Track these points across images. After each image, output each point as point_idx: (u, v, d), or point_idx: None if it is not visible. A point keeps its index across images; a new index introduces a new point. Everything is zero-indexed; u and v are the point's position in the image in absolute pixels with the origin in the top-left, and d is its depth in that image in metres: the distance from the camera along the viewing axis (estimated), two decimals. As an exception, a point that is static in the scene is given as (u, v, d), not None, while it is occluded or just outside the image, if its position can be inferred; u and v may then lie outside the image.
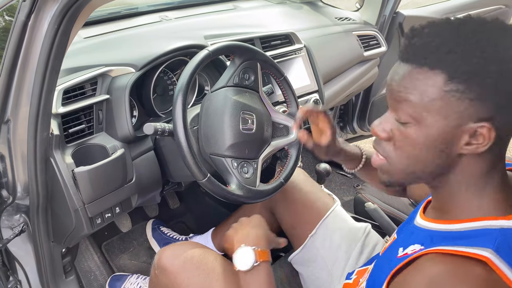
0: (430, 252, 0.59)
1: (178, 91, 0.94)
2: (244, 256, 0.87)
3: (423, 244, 0.63)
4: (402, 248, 0.67)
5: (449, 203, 0.65)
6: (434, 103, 0.57)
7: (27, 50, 0.84)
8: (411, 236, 0.69)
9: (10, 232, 1.11)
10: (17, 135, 0.92)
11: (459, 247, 0.57)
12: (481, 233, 0.59)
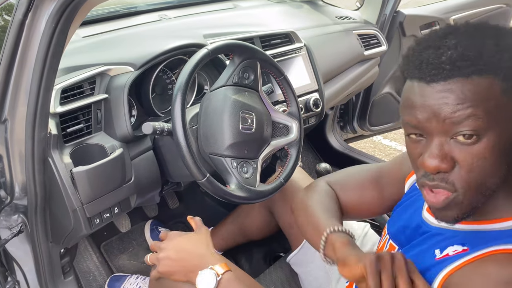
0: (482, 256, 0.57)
1: (177, 90, 0.94)
2: (205, 279, 0.83)
3: (465, 245, 0.61)
4: (439, 250, 0.64)
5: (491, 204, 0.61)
6: (498, 106, 0.54)
7: (24, 48, 0.83)
8: (441, 239, 0.66)
9: (8, 232, 1.11)
10: (15, 134, 0.91)
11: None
12: None
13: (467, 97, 0.54)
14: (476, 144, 0.55)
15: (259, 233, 1.35)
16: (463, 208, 0.59)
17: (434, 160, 0.57)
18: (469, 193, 0.58)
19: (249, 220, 1.35)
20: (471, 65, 0.53)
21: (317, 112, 1.52)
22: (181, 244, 0.88)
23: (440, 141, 0.57)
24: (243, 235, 1.38)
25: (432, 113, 0.55)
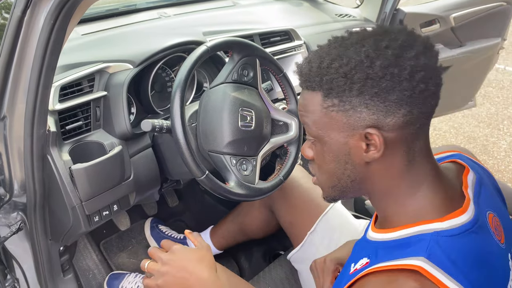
0: (371, 272, 0.59)
1: (176, 87, 0.93)
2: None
3: (370, 257, 0.63)
4: (354, 263, 0.67)
5: (387, 209, 0.66)
6: (321, 120, 0.62)
7: (23, 46, 0.83)
8: (361, 249, 0.69)
9: (7, 230, 1.10)
10: (14, 132, 0.91)
11: (394, 261, 0.57)
12: (414, 240, 0.59)
13: (304, 106, 0.64)
14: (317, 145, 0.66)
15: (259, 231, 1.35)
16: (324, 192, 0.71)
17: (303, 150, 0.71)
18: (321, 183, 0.70)
19: (249, 219, 1.35)
20: (306, 81, 0.62)
21: (317, 110, 1.51)
22: (183, 263, 0.84)
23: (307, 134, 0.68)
24: (243, 234, 1.38)
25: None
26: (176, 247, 0.87)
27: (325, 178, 0.68)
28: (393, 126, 0.58)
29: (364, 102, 0.58)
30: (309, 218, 1.13)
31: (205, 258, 0.86)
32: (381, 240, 0.65)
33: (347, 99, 0.59)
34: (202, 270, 0.83)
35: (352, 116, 0.59)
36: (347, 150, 0.62)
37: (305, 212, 1.15)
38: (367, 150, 0.60)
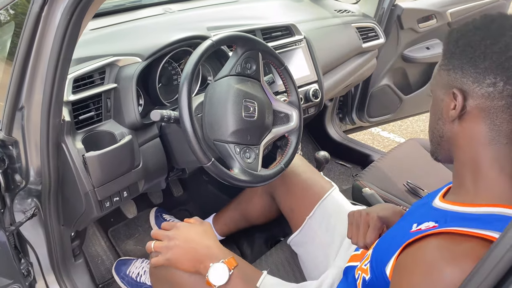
0: (441, 232, 0.62)
1: (184, 79, 0.99)
2: (218, 272, 0.87)
3: (437, 222, 0.66)
4: (417, 224, 0.70)
5: (468, 182, 0.69)
6: (435, 77, 0.73)
7: (40, 40, 0.88)
8: (426, 213, 0.73)
9: (22, 215, 1.16)
10: (31, 121, 0.97)
11: (470, 229, 0.60)
12: (495, 218, 0.62)
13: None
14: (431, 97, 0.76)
15: (261, 217, 1.41)
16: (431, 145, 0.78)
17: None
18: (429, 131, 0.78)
19: (251, 206, 1.41)
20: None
21: (316, 103, 1.57)
22: (189, 234, 0.92)
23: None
24: (245, 220, 1.44)
25: None
26: (180, 223, 0.95)
27: (429, 129, 0.77)
28: (478, 95, 0.65)
29: (460, 65, 0.67)
30: (308, 204, 1.19)
31: (208, 231, 0.94)
32: (454, 210, 0.68)
33: (451, 61, 0.68)
34: (208, 239, 0.91)
35: (450, 75, 0.68)
36: (441, 106, 0.71)
37: (304, 199, 1.21)
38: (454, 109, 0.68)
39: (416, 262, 0.62)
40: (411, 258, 0.64)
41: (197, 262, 0.90)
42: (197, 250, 0.90)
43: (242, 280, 0.88)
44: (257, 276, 0.95)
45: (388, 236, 0.79)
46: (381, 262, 0.73)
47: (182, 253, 0.90)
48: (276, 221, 1.43)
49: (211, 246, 0.90)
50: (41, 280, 1.27)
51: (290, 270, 1.21)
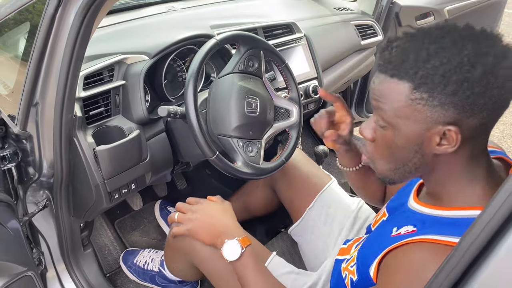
0: (421, 241, 0.66)
1: (190, 76, 1.04)
2: (231, 249, 0.94)
3: (416, 226, 0.70)
4: (396, 228, 0.74)
5: (442, 191, 0.71)
6: (403, 109, 0.64)
7: (54, 39, 0.93)
8: (405, 217, 0.76)
9: (34, 207, 1.22)
10: (45, 117, 1.02)
11: (448, 237, 0.63)
12: (468, 222, 0.63)
13: (383, 93, 0.66)
14: (385, 131, 0.69)
15: (262, 209, 1.47)
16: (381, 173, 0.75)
17: (363, 130, 0.74)
18: (380, 163, 0.73)
19: (253, 198, 1.47)
20: (393, 69, 0.64)
21: (316, 98, 1.62)
22: (211, 211, 1.01)
23: (373, 116, 0.72)
24: (247, 212, 1.49)
25: (371, 89, 0.70)
26: (203, 200, 1.04)
27: (388, 161, 0.71)
28: (471, 127, 0.62)
29: (453, 102, 0.60)
30: (308, 196, 1.25)
31: (228, 210, 1.03)
32: (431, 214, 0.71)
33: (437, 96, 0.61)
34: (227, 218, 1.00)
35: (437, 112, 0.62)
36: (420, 140, 0.65)
37: (304, 191, 1.26)
38: (440, 144, 0.64)
39: (400, 266, 0.67)
40: (396, 263, 0.69)
41: (215, 237, 0.98)
42: (216, 226, 0.98)
43: (252, 259, 0.94)
44: (267, 256, 1.04)
45: (371, 239, 0.84)
46: (365, 265, 0.78)
47: (202, 226, 0.99)
48: (277, 212, 1.48)
49: (229, 224, 0.99)
50: (52, 268, 1.33)
51: (290, 258, 1.26)
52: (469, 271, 0.48)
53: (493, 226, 0.46)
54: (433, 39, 0.63)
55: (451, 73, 0.60)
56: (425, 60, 0.61)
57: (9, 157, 1.13)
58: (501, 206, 0.45)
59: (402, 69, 0.63)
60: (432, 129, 0.64)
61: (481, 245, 0.46)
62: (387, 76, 0.65)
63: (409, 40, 0.64)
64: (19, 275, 1.11)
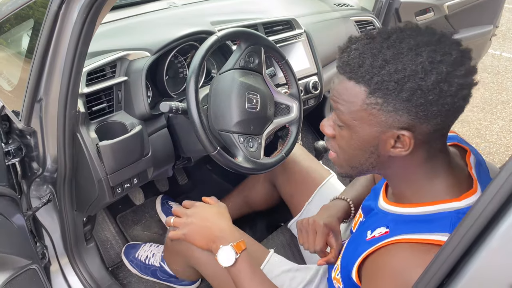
0: (397, 242, 0.68)
1: (191, 73, 1.05)
2: (226, 255, 0.94)
3: (388, 227, 0.72)
4: (370, 231, 0.76)
5: (404, 190, 0.74)
6: (359, 113, 0.66)
7: (58, 36, 0.94)
8: (377, 218, 0.78)
9: (38, 201, 1.24)
10: (49, 112, 1.03)
11: (421, 235, 0.66)
12: (438, 217, 0.68)
13: (341, 94, 0.68)
14: (343, 130, 0.71)
15: (262, 204, 1.49)
16: (341, 168, 0.77)
17: (323, 125, 0.76)
18: (341, 160, 0.75)
19: (253, 193, 1.48)
20: (350, 72, 0.65)
21: (316, 94, 1.63)
22: (206, 214, 1.00)
23: (333, 115, 0.73)
24: (247, 206, 1.51)
25: (331, 89, 0.72)
26: (198, 203, 1.03)
27: (347, 158, 0.74)
28: (424, 132, 0.64)
29: (407, 108, 0.62)
30: (307, 190, 1.27)
31: (224, 213, 1.02)
32: (400, 213, 0.73)
33: (392, 102, 0.62)
34: (222, 221, 1.00)
35: (391, 117, 0.63)
36: (375, 142, 0.68)
37: (303, 185, 1.28)
38: (395, 147, 0.66)
39: (381, 270, 0.68)
40: (376, 267, 0.70)
41: (210, 241, 0.98)
42: (211, 230, 0.98)
43: (247, 264, 0.95)
44: (264, 255, 1.05)
45: (349, 245, 0.85)
46: (347, 271, 0.79)
47: (197, 231, 0.99)
48: (277, 207, 1.50)
49: (224, 229, 0.98)
50: (55, 262, 1.35)
51: (290, 252, 1.28)
52: (457, 267, 0.50)
53: (481, 223, 0.48)
54: (391, 43, 0.63)
55: (405, 81, 0.61)
56: (380, 66, 0.62)
57: (13, 152, 1.14)
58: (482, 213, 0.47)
59: (358, 73, 0.64)
60: (387, 133, 0.66)
61: (470, 241, 0.48)
62: (345, 78, 0.67)
63: (367, 43, 0.65)
64: (23, 268, 1.13)
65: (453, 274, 0.50)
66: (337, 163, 0.77)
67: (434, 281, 0.51)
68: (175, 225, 1.02)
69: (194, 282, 1.48)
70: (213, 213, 1.02)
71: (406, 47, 0.62)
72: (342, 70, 0.67)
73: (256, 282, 0.93)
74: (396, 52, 0.62)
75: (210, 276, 1.09)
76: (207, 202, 1.07)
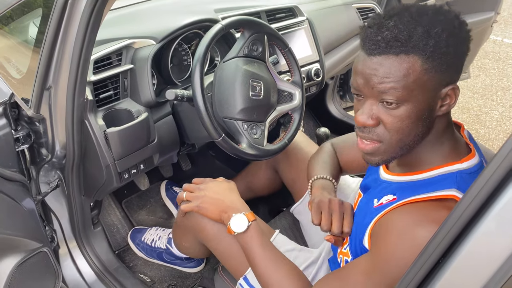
0: (405, 203, 0.72)
1: (196, 61, 1.07)
2: (239, 221, 1.00)
3: (395, 194, 0.76)
4: (377, 199, 0.80)
5: (415, 158, 0.77)
6: (417, 82, 0.67)
7: (66, 26, 0.96)
8: (382, 188, 0.82)
9: (47, 186, 1.27)
10: (58, 100, 1.06)
11: (428, 194, 0.70)
12: (442, 178, 0.73)
13: (392, 72, 0.67)
14: (396, 109, 0.70)
15: (265, 189, 1.52)
16: (384, 156, 0.76)
17: (362, 118, 0.73)
18: (390, 145, 0.73)
19: (256, 178, 1.52)
20: (401, 46, 0.66)
21: (318, 81, 1.65)
22: (217, 188, 1.08)
23: (370, 103, 0.72)
24: (250, 192, 1.55)
25: (366, 79, 0.70)
26: (210, 179, 1.11)
27: (399, 139, 0.72)
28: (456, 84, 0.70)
29: (454, 62, 0.68)
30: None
31: (234, 188, 1.10)
32: (405, 181, 0.77)
33: (445, 60, 0.66)
34: (233, 195, 1.07)
35: (443, 74, 0.67)
36: (430, 106, 0.70)
37: (305, 171, 1.31)
38: (442, 105, 0.70)
39: (389, 229, 0.72)
40: (384, 228, 0.74)
41: (222, 212, 1.03)
42: (223, 202, 1.04)
43: (258, 232, 1.00)
44: (271, 234, 1.10)
45: (357, 217, 0.89)
46: (358, 240, 0.83)
47: (210, 203, 1.05)
48: (279, 192, 1.54)
49: (235, 200, 1.05)
50: (64, 245, 1.39)
51: (292, 235, 1.32)
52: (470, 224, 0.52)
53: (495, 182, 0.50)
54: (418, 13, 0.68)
55: (449, 37, 0.66)
56: (428, 31, 0.66)
57: (22, 139, 1.17)
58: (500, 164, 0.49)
59: (410, 44, 0.66)
60: (440, 92, 0.69)
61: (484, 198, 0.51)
62: (389, 55, 0.67)
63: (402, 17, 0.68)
64: (35, 251, 1.17)
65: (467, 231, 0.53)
66: (380, 151, 0.75)
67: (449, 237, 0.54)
68: (188, 199, 1.08)
69: (199, 264, 1.52)
70: (224, 187, 1.09)
71: (432, 13, 0.68)
72: (385, 50, 0.67)
73: (266, 249, 0.98)
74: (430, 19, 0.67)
75: (220, 251, 1.13)
76: (216, 181, 1.12)
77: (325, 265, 1.09)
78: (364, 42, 0.70)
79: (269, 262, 0.96)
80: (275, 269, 0.95)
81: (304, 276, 0.97)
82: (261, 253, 0.97)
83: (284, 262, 0.97)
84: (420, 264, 0.58)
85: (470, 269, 0.54)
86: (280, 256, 0.98)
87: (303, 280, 0.94)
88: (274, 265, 0.95)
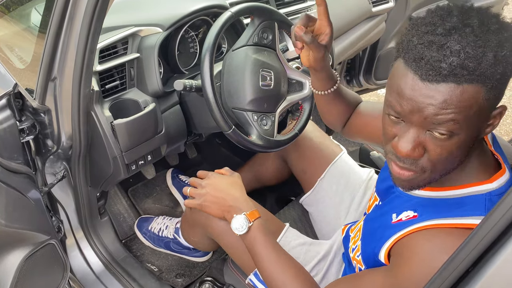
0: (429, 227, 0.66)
1: (206, 50, 1.04)
2: (239, 223, 0.96)
3: (416, 211, 0.71)
4: (395, 214, 0.74)
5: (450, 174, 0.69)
6: (477, 113, 0.58)
7: (71, 15, 0.92)
8: (401, 202, 0.76)
9: (53, 177, 1.25)
10: (63, 91, 1.03)
11: (454, 219, 0.64)
12: (470, 200, 0.66)
13: (452, 102, 0.57)
14: (448, 140, 0.61)
15: (273, 179, 1.50)
16: (421, 183, 0.68)
17: (407, 148, 0.62)
18: (432, 175, 0.66)
19: (264, 168, 1.50)
20: (467, 75, 0.56)
21: (327, 69, 1.61)
22: (219, 185, 1.02)
23: (417, 131, 0.62)
24: (258, 181, 1.53)
25: (417, 108, 0.59)
26: (212, 173, 1.06)
27: (444, 168, 0.65)
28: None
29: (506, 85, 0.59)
30: (320, 167, 1.27)
31: (237, 182, 1.04)
32: (427, 197, 0.71)
33: (505, 85, 0.58)
34: (236, 191, 1.02)
35: (497, 100, 0.60)
36: (480, 132, 0.63)
37: (316, 161, 1.29)
38: (487, 125, 0.63)
39: (414, 253, 0.67)
40: (409, 250, 0.69)
41: (224, 211, 1.00)
42: (225, 200, 1.00)
43: (261, 232, 0.96)
44: (280, 228, 1.06)
45: (371, 228, 0.84)
46: (372, 254, 0.79)
47: (212, 201, 1.01)
48: (287, 182, 1.52)
49: (238, 198, 1.00)
50: (71, 236, 1.38)
51: (302, 226, 1.31)
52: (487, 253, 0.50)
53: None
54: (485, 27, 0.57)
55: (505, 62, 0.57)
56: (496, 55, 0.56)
57: (27, 130, 1.15)
58: None
59: (476, 72, 0.56)
60: (485, 119, 0.62)
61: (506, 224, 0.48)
62: (451, 84, 0.56)
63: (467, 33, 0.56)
64: (42, 244, 1.16)
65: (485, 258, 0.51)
66: (419, 179, 0.67)
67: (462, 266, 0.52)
68: (191, 195, 1.05)
69: (206, 254, 1.51)
70: (227, 183, 1.03)
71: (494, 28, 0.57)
72: (451, 77, 0.56)
73: (270, 250, 0.95)
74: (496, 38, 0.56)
75: (228, 246, 1.12)
76: (220, 172, 1.08)
77: (337, 258, 1.08)
78: (419, 65, 0.58)
79: (274, 264, 0.93)
80: (281, 270, 0.92)
81: (311, 277, 0.95)
82: (265, 254, 0.94)
83: (290, 264, 0.94)
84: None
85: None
86: (286, 257, 0.95)
87: (310, 282, 0.92)
88: (279, 267, 0.93)
